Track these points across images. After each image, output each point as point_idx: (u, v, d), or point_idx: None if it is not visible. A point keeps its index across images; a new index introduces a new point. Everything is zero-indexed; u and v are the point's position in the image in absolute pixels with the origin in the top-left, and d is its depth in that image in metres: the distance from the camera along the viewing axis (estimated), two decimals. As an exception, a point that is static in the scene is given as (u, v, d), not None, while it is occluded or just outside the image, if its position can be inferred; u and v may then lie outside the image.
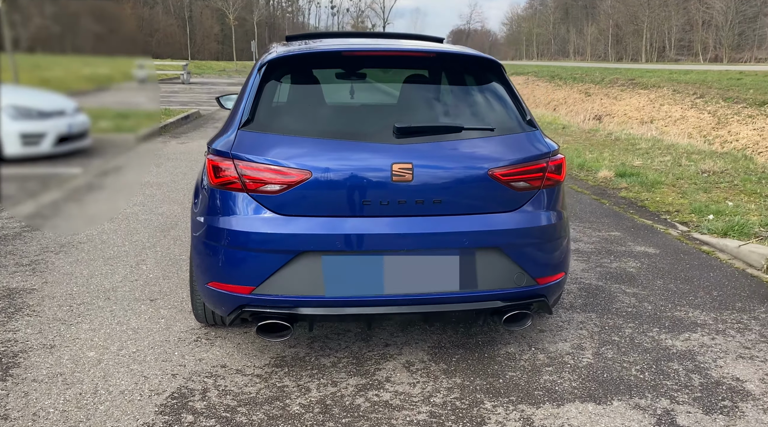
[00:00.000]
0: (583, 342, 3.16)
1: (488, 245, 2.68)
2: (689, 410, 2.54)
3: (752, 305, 3.66)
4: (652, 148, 9.87)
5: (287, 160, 2.59)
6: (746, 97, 20.86)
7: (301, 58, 2.93)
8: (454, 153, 2.70)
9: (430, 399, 2.62)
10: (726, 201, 6.15)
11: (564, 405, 2.58)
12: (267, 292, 2.61)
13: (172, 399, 2.58)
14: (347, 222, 2.59)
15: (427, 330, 3.27)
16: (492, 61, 3.01)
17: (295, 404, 2.56)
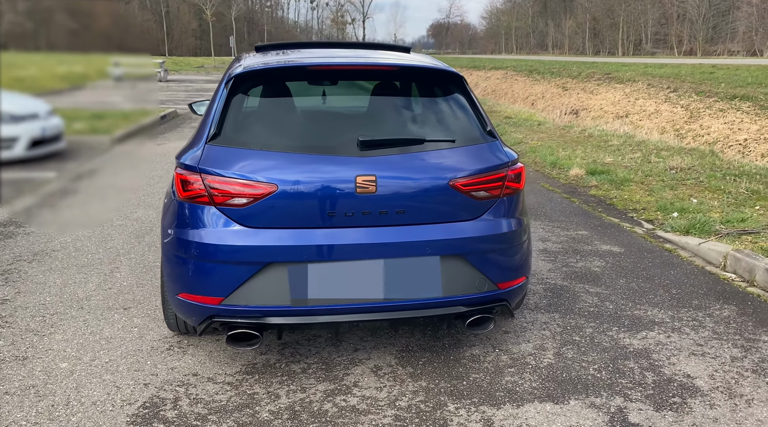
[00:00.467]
0: (546, 343, 3.28)
1: (451, 252, 2.78)
2: (641, 407, 2.67)
3: (708, 302, 3.82)
4: (623, 145, 10.06)
5: (254, 174, 2.66)
6: (718, 90, 21.26)
7: (266, 72, 2.99)
8: (416, 164, 2.79)
9: (396, 403, 2.71)
10: (691, 198, 6.33)
11: (523, 405, 2.69)
12: (235, 303, 2.68)
13: (144, 409, 2.65)
14: (313, 233, 2.68)
15: (395, 334, 3.36)
16: (454, 74, 3.10)
17: (264, 411, 2.65)
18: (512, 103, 27.75)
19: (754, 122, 16.74)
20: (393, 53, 3.56)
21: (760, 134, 15.87)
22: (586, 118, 21.99)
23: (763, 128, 16.15)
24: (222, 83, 3.03)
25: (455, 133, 2.98)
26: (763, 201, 6.16)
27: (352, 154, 2.73)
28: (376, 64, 3.08)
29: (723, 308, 3.73)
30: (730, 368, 2.99)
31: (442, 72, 3.11)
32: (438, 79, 3.15)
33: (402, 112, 3.08)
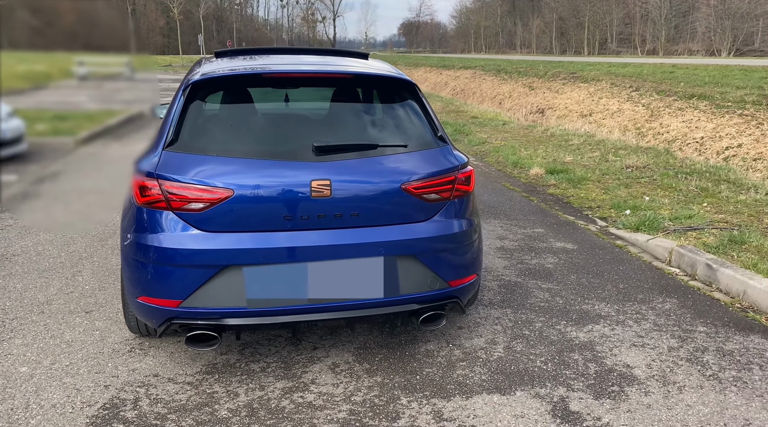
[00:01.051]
0: (497, 337, 3.43)
1: (403, 252, 2.91)
2: (581, 396, 2.83)
3: (652, 296, 4.02)
4: (583, 144, 10.35)
5: (210, 180, 2.74)
6: (677, 90, 21.87)
7: (223, 79, 3.08)
8: (369, 169, 2.91)
9: (351, 398, 2.83)
10: (644, 196, 6.58)
11: (472, 397, 2.83)
12: (194, 305, 2.76)
13: (104, 410, 2.71)
14: (269, 237, 2.77)
15: (354, 332, 3.48)
16: (407, 82, 3.22)
17: (223, 409, 2.73)
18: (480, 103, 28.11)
19: (710, 121, 17.29)
20: (350, 60, 3.67)
21: (716, 132, 16.41)
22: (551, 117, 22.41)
23: (719, 127, 16.70)
24: (180, 90, 3.10)
25: (407, 138, 3.10)
26: (710, 198, 6.44)
27: (308, 159, 2.83)
28: (331, 71, 3.18)
29: (665, 301, 3.94)
30: (667, 358, 3.18)
31: (396, 79, 3.23)
32: (392, 86, 3.27)
33: (357, 118, 3.19)
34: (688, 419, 2.64)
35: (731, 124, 16.67)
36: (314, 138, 2.92)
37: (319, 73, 3.11)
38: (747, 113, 17.28)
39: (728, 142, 15.65)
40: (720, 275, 4.12)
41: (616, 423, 2.62)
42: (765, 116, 16.36)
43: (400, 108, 3.21)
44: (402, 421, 2.65)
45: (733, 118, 17.19)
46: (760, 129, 15.58)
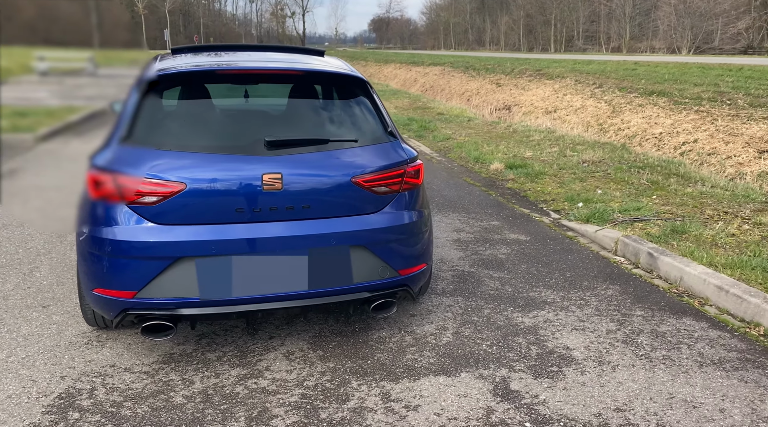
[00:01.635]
0: (447, 323, 3.58)
1: (354, 243, 3.03)
2: (522, 376, 3.00)
3: (596, 283, 4.23)
4: (543, 140, 10.61)
5: (163, 173, 2.82)
6: (638, 86, 22.45)
7: (177, 76, 3.15)
8: (320, 163, 3.02)
9: (304, 383, 2.94)
10: (596, 189, 6.83)
11: (419, 379, 2.98)
12: (148, 296, 2.84)
13: (60, 399, 2.78)
14: (222, 229, 2.86)
15: (310, 321, 3.59)
16: (358, 78, 3.34)
17: (178, 396, 2.82)
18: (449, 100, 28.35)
19: (669, 117, 17.82)
20: (305, 57, 3.77)
21: (673, 128, 16.92)
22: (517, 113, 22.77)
23: (676, 122, 17.23)
24: (134, 86, 3.17)
25: (358, 133, 3.22)
26: (660, 191, 6.72)
27: (260, 153, 2.93)
28: (285, 68, 3.27)
29: (608, 287, 4.14)
30: (604, 340, 3.37)
31: (348, 77, 3.35)
32: (344, 83, 3.38)
33: (310, 114, 3.30)
34: (617, 395, 2.83)
35: (688, 121, 17.20)
36: (267, 133, 3.02)
37: (272, 70, 3.21)
38: (703, 110, 17.85)
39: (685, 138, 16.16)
40: (660, 263, 4.35)
41: (552, 400, 2.79)
42: (719, 113, 16.93)
43: (352, 104, 3.33)
44: (351, 403, 2.77)
45: (690, 114, 17.74)
46: (714, 125, 16.13)
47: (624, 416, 2.66)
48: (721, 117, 16.69)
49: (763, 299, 3.53)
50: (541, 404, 2.76)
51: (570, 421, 2.63)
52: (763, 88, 19.19)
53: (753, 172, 12.37)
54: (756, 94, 18.58)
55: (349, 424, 2.62)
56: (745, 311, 3.57)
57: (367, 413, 2.70)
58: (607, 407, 2.72)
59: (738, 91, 19.02)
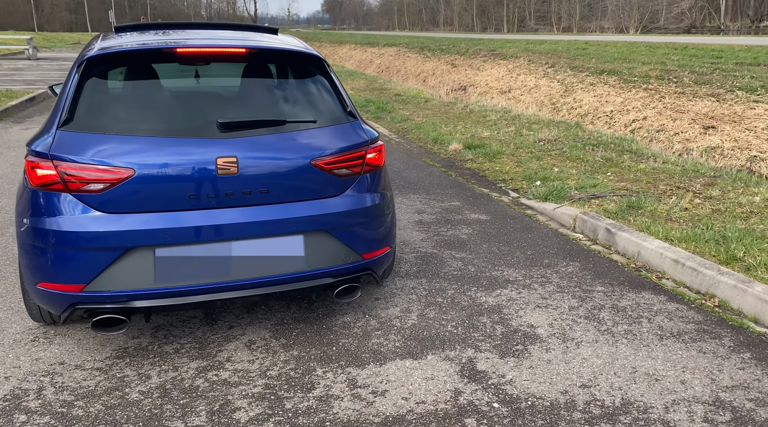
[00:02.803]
0: (411, 306, 3.54)
1: (315, 228, 2.94)
2: (488, 356, 2.99)
3: (557, 260, 4.26)
4: (500, 120, 10.65)
5: (109, 159, 2.66)
6: (589, 66, 22.84)
7: (121, 55, 2.97)
8: (278, 145, 2.90)
9: (267, 373, 2.86)
10: (553, 167, 6.89)
11: (386, 364, 2.93)
12: (98, 289, 2.69)
13: (4, 401, 2.61)
14: (176, 216, 2.73)
15: (271, 308, 3.49)
16: (314, 56, 3.22)
17: (134, 392, 2.70)
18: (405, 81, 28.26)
19: (619, 95, 18.20)
20: (259, 35, 3.61)
21: (624, 106, 17.30)
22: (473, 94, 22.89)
23: (627, 101, 17.61)
24: (74, 67, 2.97)
25: (317, 113, 3.11)
26: (614, 168, 6.82)
27: (213, 136, 2.79)
28: (239, 46, 3.11)
29: (569, 264, 4.18)
30: (567, 317, 3.40)
31: (304, 55, 3.22)
32: (300, 61, 3.25)
33: (266, 94, 3.16)
34: (583, 371, 2.85)
35: (637, 98, 17.60)
36: (220, 115, 2.88)
37: (224, 47, 3.05)
38: (651, 88, 18.28)
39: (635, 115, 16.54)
40: (618, 239, 4.41)
41: (519, 379, 2.78)
42: (667, 90, 17.38)
43: (310, 83, 3.21)
44: (317, 391, 2.71)
45: (639, 92, 18.15)
46: (662, 102, 16.55)
47: (590, 392, 2.68)
48: (669, 94, 17.14)
49: (717, 270, 3.61)
50: (508, 383, 2.75)
51: (537, 399, 2.63)
52: (706, 66, 19.79)
53: (699, 147, 12.77)
54: (700, 72, 19.13)
55: (315, 413, 2.55)
56: (700, 283, 3.65)
57: (333, 400, 2.64)
58: (573, 384, 2.73)
59: (683, 69, 19.57)
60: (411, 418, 2.51)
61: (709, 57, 21.49)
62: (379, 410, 2.57)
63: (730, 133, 13.47)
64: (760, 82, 16.09)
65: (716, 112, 14.76)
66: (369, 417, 2.52)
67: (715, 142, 13.30)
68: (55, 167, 2.65)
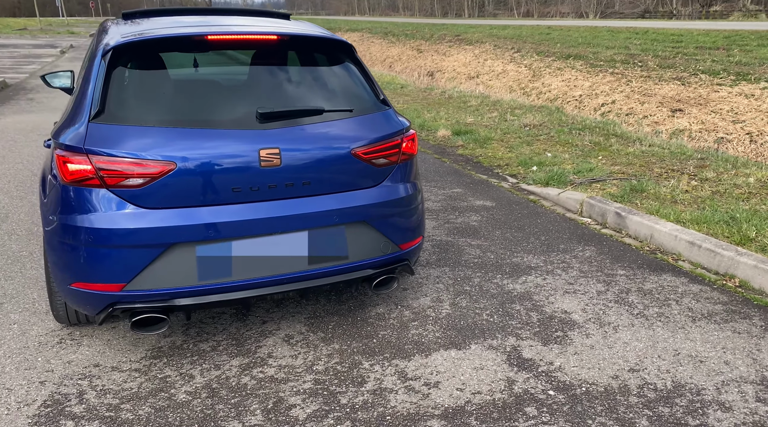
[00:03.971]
0: (441, 295, 3.53)
1: (356, 219, 2.88)
2: (531, 344, 3.00)
3: (572, 245, 4.30)
4: (481, 105, 10.69)
5: (148, 152, 2.54)
6: (555, 50, 23.14)
7: (150, 43, 2.82)
8: (317, 135, 2.82)
9: (313, 367, 2.80)
10: (546, 152, 6.95)
11: (431, 355, 2.91)
12: (139, 287, 2.58)
13: (45, 407, 2.49)
14: (218, 210, 2.62)
15: (301, 302, 3.42)
16: (345, 43, 3.14)
17: (180, 393, 2.61)
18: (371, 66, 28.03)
19: (587, 79, 18.50)
20: (275, 21, 3.50)
21: (592, 90, 17.61)
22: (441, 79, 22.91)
23: (594, 85, 17.92)
24: (98, 56, 2.81)
25: (352, 102, 3.03)
26: (604, 151, 6.93)
27: (253, 127, 2.70)
28: (268, 32, 2.99)
29: (585, 249, 4.23)
30: (598, 302, 3.44)
31: (335, 41, 3.13)
32: (331, 48, 3.16)
33: (299, 82, 3.06)
34: (627, 355, 2.89)
35: (605, 83, 17.93)
36: (256, 104, 2.78)
37: (257, 34, 2.93)
38: (617, 72, 18.63)
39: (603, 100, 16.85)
40: (629, 222, 4.48)
41: (567, 366, 2.80)
42: (633, 74, 17.76)
43: (342, 71, 3.13)
44: (369, 385, 2.67)
45: (606, 76, 18.48)
46: (629, 86, 16.90)
47: (640, 376, 2.72)
48: (635, 78, 17.50)
49: (735, 251, 3.71)
50: (558, 370, 2.77)
51: (591, 385, 2.65)
52: (668, 50, 20.28)
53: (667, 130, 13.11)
54: (663, 56, 19.59)
55: (374, 407, 2.52)
56: (718, 264, 3.75)
57: (388, 394, 2.60)
58: (622, 369, 2.77)
59: (647, 53, 20.01)
60: (470, 409, 2.50)
61: (670, 41, 22.02)
62: (437, 402, 2.55)
63: (697, 116, 13.86)
64: (722, 65, 16.59)
65: (682, 96, 15.16)
66: (429, 409, 2.50)
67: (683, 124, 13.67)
68: (91, 162, 2.51)
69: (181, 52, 2.93)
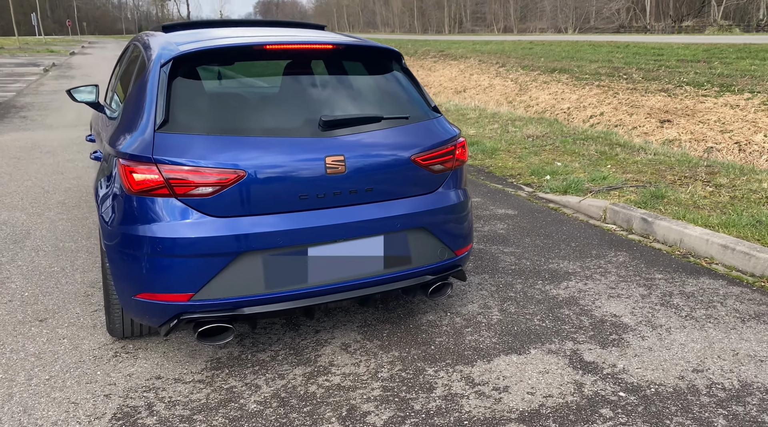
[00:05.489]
0: (488, 301, 3.54)
1: (416, 225, 2.89)
2: (590, 347, 3.02)
3: (603, 251, 4.36)
4: (480, 118, 10.81)
5: (219, 161, 2.52)
6: (539, 65, 23.53)
7: (209, 52, 2.81)
8: (378, 142, 2.84)
9: (378, 375, 2.78)
10: (555, 162, 7.05)
11: (492, 360, 2.91)
12: (207, 297, 2.55)
13: (116, 420, 2.44)
14: (287, 218, 2.62)
15: (350, 311, 3.41)
16: (394, 52, 3.17)
17: (250, 403, 2.57)
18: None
19: (573, 92, 18.83)
20: (316, 32, 3.53)
21: (579, 103, 17.91)
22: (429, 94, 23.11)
23: (581, 97, 18.24)
24: (153, 66, 2.79)
25: (406, 110, 3.06)
26: (611, 160, 7.04)
27: (316, 134, 2.70)
28: (322, 42, 3.01)
29: (617, 254, 4.28)
30: (644, 305, 3.48)
31: (385, 51, 3.16)
32: (381, 57, 3.18)
33: (354, 91, 3.08)
34: (687, 356, 2.92)
35: (592, 95, 18.25)
36: (316, 112, 2.79)
37: (312, 43, 2.94)
38: (603, 84, 18.98)
39: (592, 111, 17.14)
40: (656, 227, 4.56)
41: (631, 368, 2.83)
42: (619, 87, 18.11)
43: (393, 80, 3.16)
44: (438, 391, 2.66)
45: (592, 89, 18.81)
46: (617, 98, 17.23)
47: (705, 376, 2.75)
48: (622, 91, 17.84)
49: (769, 254, 3.79)
50: (623, 372, 2.79)
51: (659, 386, 2.68)
52: (651, 63, 20.75)
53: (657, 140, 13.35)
54: (647, 69, 20.02)
55: (449, 412, 2.51)
56: (754, 266, 3.82)
57: (459, 399, 2.60)
58: (686, 370, 2.80)
59: (631, 66, 20.44)
60: (546, 412, 2.51)
61: (651, 55, 22.52)
62: (511, 406, 2.55)
63: (686, 126, 14.17)
64: (705, 77, 17.01)
65: (669, 107, 15.48)
66: (504, 413, 2.50)
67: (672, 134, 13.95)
68: (159, 171, 2.49)
69: (240, 61, 2.93)
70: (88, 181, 6.35)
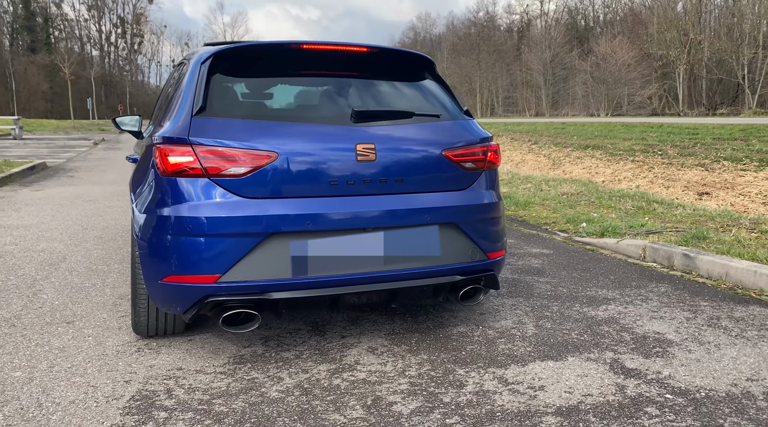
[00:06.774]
0: (522, 318, 3.39)
1: (447, 220, 2.84)
2: (632, 357, 2.84)
3: (644, 282, 4.18)
4: (513, 179, 10.83)
5: (252, 142, 2.57)
6: (572, 142, 23.76)
7: (249, 49, 2.94)
8: (409, 135, 2.86)
9: (405, 373, 2.65)
10: (591, 213, 6.94)
11: (528, 364, 2.75)
12: (234, 279, 2.52)
13: (135, 401, 2.35)
14: (316, 202, 2.61)
15: (375, 322, 3.30)
16: (427, 59, 3.25)
17: (272, 391, 2.46)
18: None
19: (608, 167, 18.83)
20: None
21: (614, 176, 17.84)
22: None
23: (616, 171, 18.20)
24: (193, 65, 2.92)
25: (437, 109, 3.10)
26: (649, 214, 6.90)
27: (349, 124, 2.74)
28: (358, 44, 3.11)
29: (658, 285, 4.10)
30: (689, 325, 3.28)
31: (418, 56, 3.25)
32: (414, 62, 3.26)
33: (387, 90, 3.14)
34: (740, 367, 2.71)
35: (627, 169, 18.19)
36: (348, 106, 2.86)
37: (348, 45, 3.05)
38: (638, 160, 18.96)
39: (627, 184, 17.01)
40: (699, 262, 4.37)
41: (677, 375, 2.63)
42: (654, 161, 18.05)
43: (425, 83, 3.23)
44: (469, 387, 2.51)
45: (627, 164, 18.79)
46: (652, 172, 17.13)
47: (761, 384, 2.53)
48: (657, 165, 17.76)
49: (823, 280, 3.58)
50: (669, 378, 2.59)
51: (710, 391, 2.47)
52: (686, 141, 20.73)
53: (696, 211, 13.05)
54: (682, 146, 19.98)
55: (480, 405, 2.35)
56: (807, 293, 3.60)
57: (491, 394, 2.44)
58: (739, 378, 2.59)
59: (665, 144, 20.44)
60: (586, 408, 2.33)
61: (686, 134, 22.53)
62: (547, 402, 2.38)
63: (725, 198, 13.89)
64: (743, 153, 16.85)
65: (707, 180, 15.28)
66: (540, 407, 2.33)
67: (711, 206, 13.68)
68: (195, 152, 2.54)
69: (277, 59, 3.03)
70: (126, 222, 6.50)
